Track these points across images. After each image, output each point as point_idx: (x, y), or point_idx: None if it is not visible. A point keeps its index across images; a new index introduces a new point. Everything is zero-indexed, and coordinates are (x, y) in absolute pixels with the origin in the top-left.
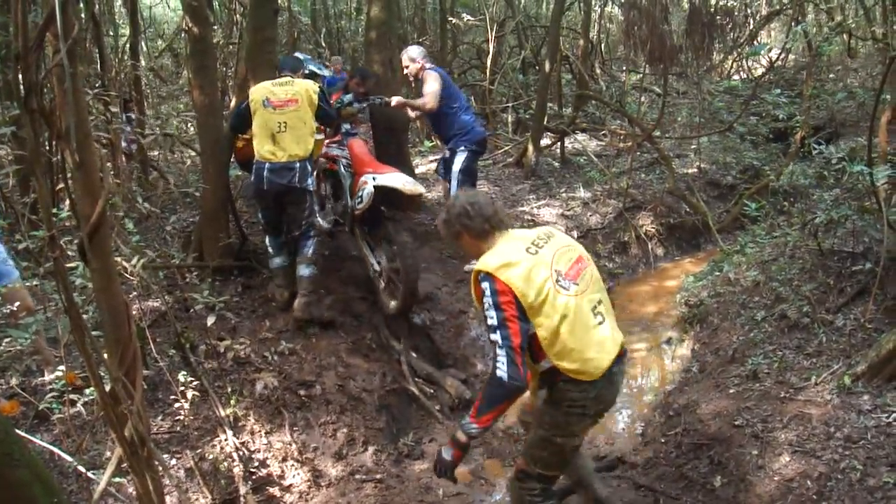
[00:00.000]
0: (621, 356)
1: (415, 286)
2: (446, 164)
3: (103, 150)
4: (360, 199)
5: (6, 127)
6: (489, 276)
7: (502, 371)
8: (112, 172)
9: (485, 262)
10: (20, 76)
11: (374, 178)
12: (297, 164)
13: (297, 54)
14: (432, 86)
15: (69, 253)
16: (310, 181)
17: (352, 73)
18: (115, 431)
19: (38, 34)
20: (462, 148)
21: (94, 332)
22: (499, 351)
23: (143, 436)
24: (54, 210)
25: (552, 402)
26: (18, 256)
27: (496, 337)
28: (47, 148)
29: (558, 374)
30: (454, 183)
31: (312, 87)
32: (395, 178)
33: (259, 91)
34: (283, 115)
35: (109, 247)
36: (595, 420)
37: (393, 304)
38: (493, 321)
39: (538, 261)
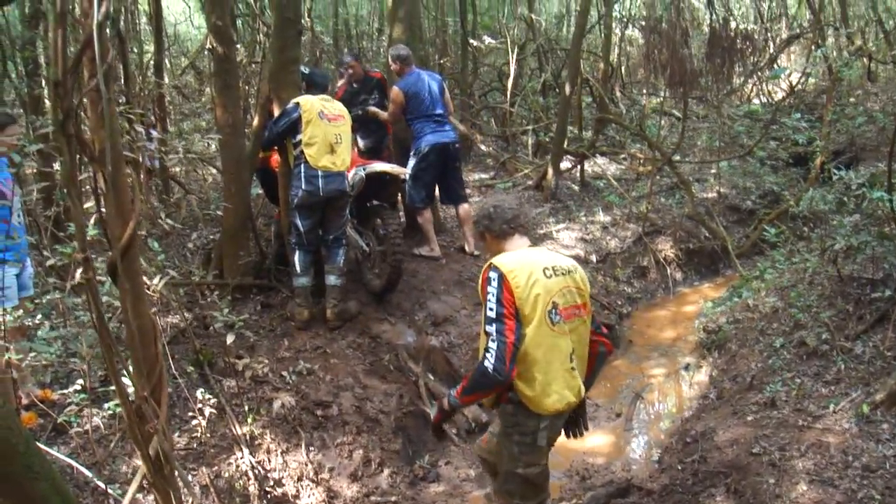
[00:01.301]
0: (578, 406)
1: (399, 266)
2: None
3: (129, 169)
4: (351, 187)
5: (33, 143)
6: (499, 273)
7: (489, 362)
8: (141, 195)
9: (500, 260)
10: (57, 100)
11: (363, 168)
12: (345, 173)
13: (302, 68)
14: (391, 106)
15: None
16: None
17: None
18: (140, 449)
19: (75, 59)
20: (412, 153)
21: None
22: (490, 343)
23: (168, 454)
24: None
25: (504, 433)
26: (44, 272)
27: (491, 329)
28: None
29: (506, 394)
30: (407, 189)
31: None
32: (381, 165)
33: (312, 103)
34: (338, 128)
35: (139, 268)
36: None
37: (378, 283)
38: (492, 313)
39: (546, 284)
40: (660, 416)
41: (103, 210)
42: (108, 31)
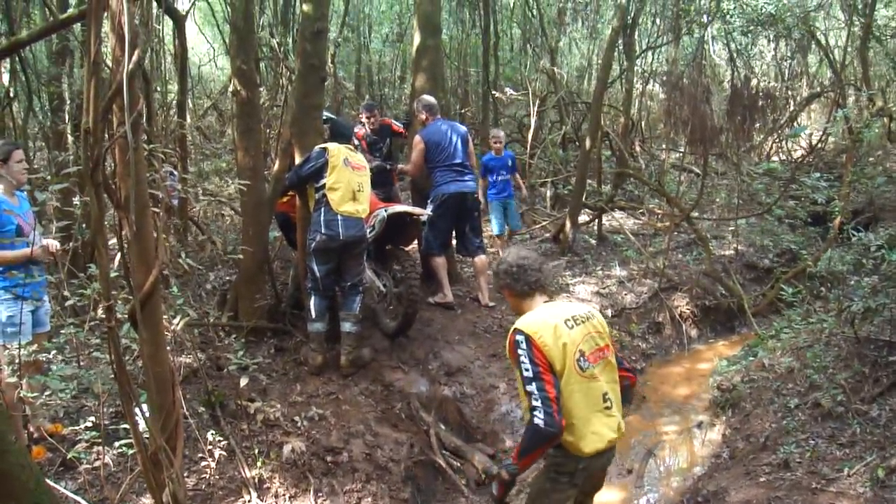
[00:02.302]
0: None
1: (414, 307)
2: None
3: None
4: (371, 228)
5: (56, 182)
6: (525, 335)
7: (539, 419)
8: (166, 241)
9: (524, 322)
10: (86, 147)
11: (385, 210)
12: (363, 220)
13: (326, 114)
14: (413, 155)
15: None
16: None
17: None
18: (154, 496)
19: (105, 107)
20: (430, 200)
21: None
22: (535, 402)
23: (183, 502)
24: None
25: (542, 470)
26: (63, 311)
27: (532, 388)
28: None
29: None
30: (423, 237)
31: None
32: (402, 207)
33: (339, 150)
34: (360, 177)
35: (160, 316)
36: (583, 495)
37: (393, 324)
38: (528, 373)
39: (570, 335)
40: (671, 473)
41: (126, 256)
42: (138, 79)
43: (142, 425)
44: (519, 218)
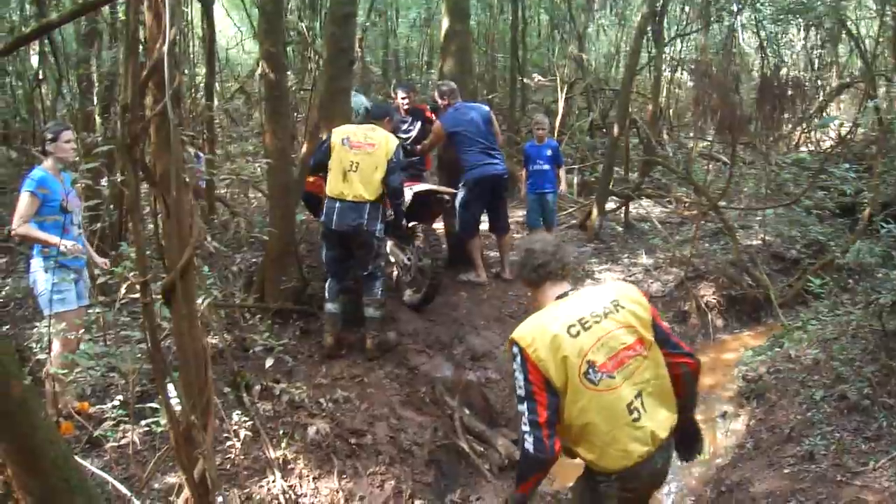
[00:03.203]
0: (665, 444)
1: (437, 280)
2: None
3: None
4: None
5: (87, 162)
6: (519, 348)
7: (528, 444)
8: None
9: (519, 330)
10: (123, 124)
11: (410, 189)
12: (365, 207)
13: (359, 98)
14: (428, 140)
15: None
16: (378, 226)
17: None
18: (186, 473)
19: (143, 83)
20: (461, 184)
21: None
22: (524, 426)
23: (214, 480)
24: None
25: (578, 480)
26: (95, 288)
27: (523, 408)
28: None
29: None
30: (456, 216)
31: (394, 140)
32: (427, 186)
33: (340, 131)
34: (357, 155)
35: (194, 293)
36: (634, 498)
37: (416, 297)
38: (520, 391)
39: (573, 345)
40: (694, 462)
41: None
42: (175, 56)
43: (174, 402)
44: (555, 214)
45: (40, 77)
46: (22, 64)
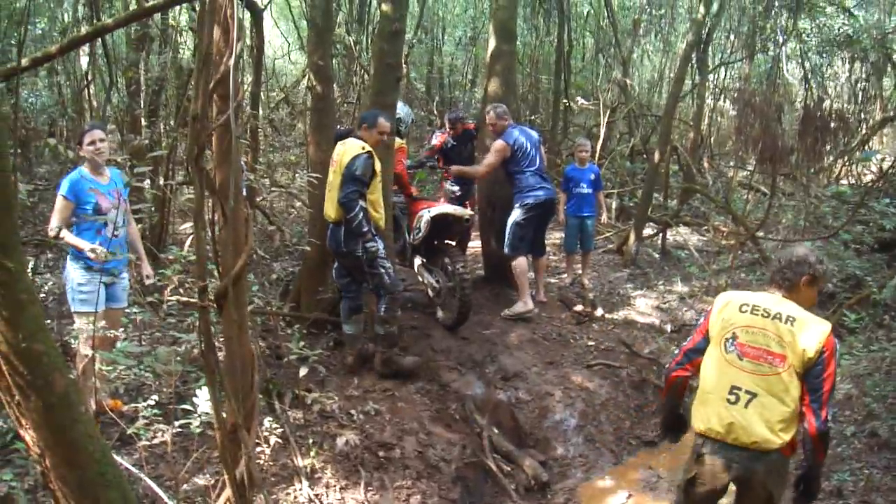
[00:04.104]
0: (755, 451)
1: (468, 299)
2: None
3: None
4: (417, 230)
5: (139, 165)
6: (716, 300)
7: (669, 359)
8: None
9: (728, 292)
10: (192, 134)
11: (428, 212)
12: (331, 227)
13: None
14: (491, 158)
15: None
16: (352, 245)
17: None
18: (229, 473)
19: (210, 94)
20: (518, 204)
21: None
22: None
23: (257, 481)
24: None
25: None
26: (136, 291)
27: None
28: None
29: None
30: (507, 234)
31: (353, 149)
32: (446, 207)
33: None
34: (333, 174)
35: (245, 299)
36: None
37: (450, 317)
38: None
39: (734, 316)
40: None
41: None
42: (240, 69)
43: (206, 407)
44: (593, 239)
45: (89, 78)
46: (72, 64)
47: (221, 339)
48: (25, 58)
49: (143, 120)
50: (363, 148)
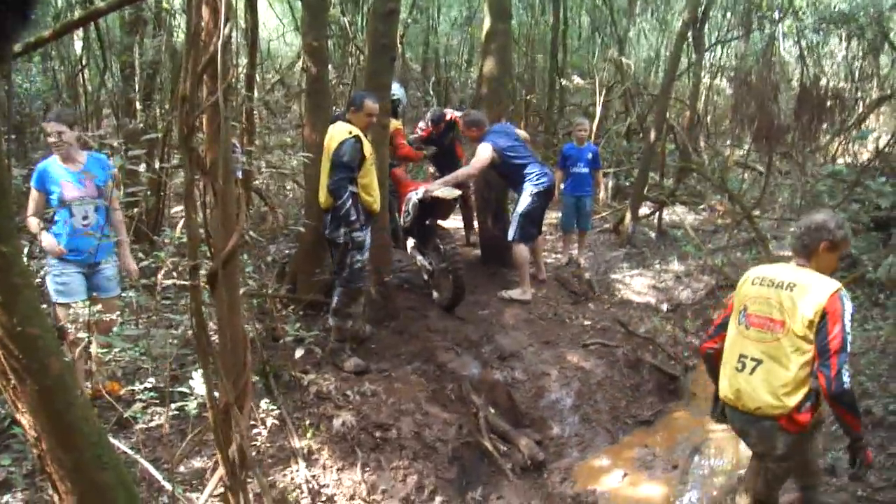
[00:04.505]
0: (755, 417)
1: (461, 280)
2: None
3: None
4: (407, 213)
5: (129, 147)
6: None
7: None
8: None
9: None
10: (181, 114)
11: (416, 193)
12: (328, 213)
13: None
14: (480, 162)
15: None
16: (334, 232)
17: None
18: (222, 452)
19: (199, 75)
20: (527, 192)
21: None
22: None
23: (249, 459)
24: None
25: None
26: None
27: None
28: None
29: None
30: (514, 224)
31: (339, 135)
32: (433, 188)
33: None
34: (323, 161)
35: (237, 279)
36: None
37: (445, 297)
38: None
39: (747, 290)
40: (716, 471)
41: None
42: (230, 49)
43: (202, 389)
44: (590, 218)
45: (83, 62)
46: (66, 49)
47: (216, 320)
48: (18, 43)
49: (138, 104)
50: (350, 132)
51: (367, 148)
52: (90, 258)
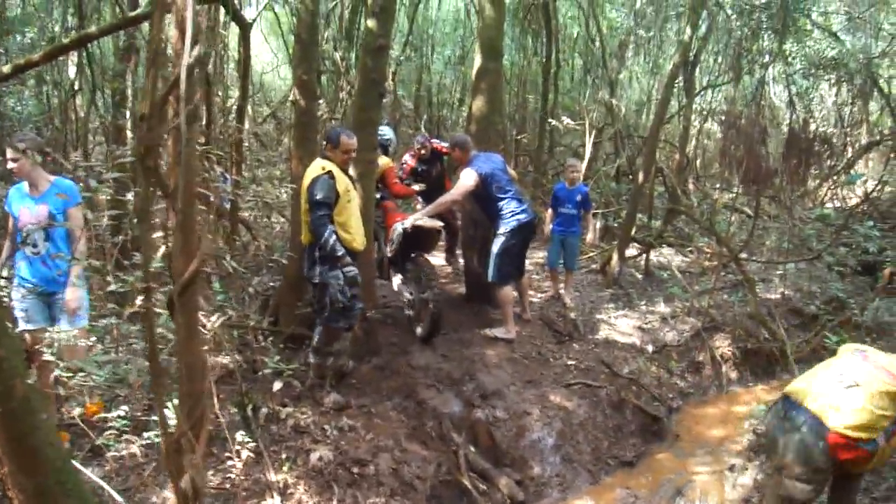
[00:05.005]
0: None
1: (439, 314)
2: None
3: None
4: (392, 243)
5: (112, 171)
6: None
7: None
8: (210, 235)
9: None
10: (140, 133)
11: (401, 224)
12: (306, 251)
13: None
14: (462, 189)
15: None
16: (314, 271)
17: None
18: (174, 481)
19: (163, 97)
20: (501, 230)
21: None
22: None
23: (199, 490)
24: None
25: None
26: (106, 297)
27: None
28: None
29: None
30: (492, 265)
31: (313, 171)
32: (418, 221)
33: None
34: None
35: (197, 305)
36: None
37: (422, 330)
38: None
39: None
40: None
41: (170, 244)
42: (196, 74)
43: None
44: (577, 258)
45: (76, 88)
46: (59, 73)
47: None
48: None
49: (128, 131)
50: (323, 168)
51: (342, 184)
52: (44, 287)
